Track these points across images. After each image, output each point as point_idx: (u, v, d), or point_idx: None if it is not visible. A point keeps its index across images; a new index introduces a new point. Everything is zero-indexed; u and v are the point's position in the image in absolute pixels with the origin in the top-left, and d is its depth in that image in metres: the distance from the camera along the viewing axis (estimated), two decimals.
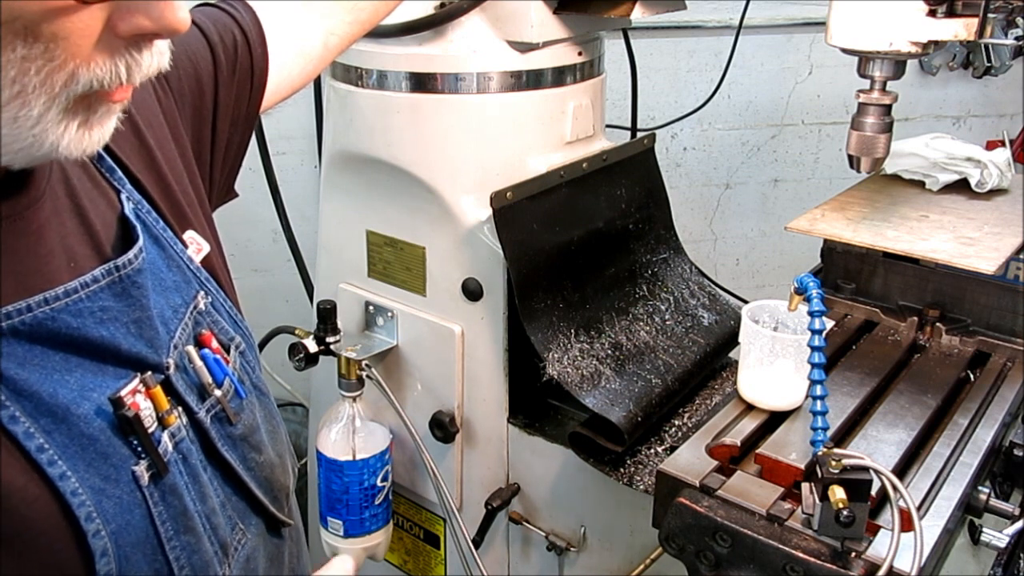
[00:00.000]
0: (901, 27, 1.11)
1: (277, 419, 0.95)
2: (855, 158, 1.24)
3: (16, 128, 0.58)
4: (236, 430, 0.84)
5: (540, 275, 1.36)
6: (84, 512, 0.67)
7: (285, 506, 0.95)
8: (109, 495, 0.69)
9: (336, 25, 1.13)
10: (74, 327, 0.69)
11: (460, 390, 1.52)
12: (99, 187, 0.78)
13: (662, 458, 1.28)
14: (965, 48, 2.72)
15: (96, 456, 0.69)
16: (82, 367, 0.70)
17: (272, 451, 0.91)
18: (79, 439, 0.68)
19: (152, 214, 0.82)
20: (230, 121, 1.00)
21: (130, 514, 0.71)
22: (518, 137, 1.44)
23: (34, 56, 0.55)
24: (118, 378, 0.72)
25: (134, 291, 0.74)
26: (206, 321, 0.85)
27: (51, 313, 0.67)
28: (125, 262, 0.74)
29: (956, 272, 1.37)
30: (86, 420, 0.69)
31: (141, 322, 0.75)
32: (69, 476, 0.66)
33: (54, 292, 0.68)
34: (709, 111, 2.40)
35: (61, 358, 0.68)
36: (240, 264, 2.52)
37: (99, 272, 0.72)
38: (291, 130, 2.43)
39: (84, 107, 0.61)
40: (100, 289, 0.71)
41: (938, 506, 1.03)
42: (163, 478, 0.74)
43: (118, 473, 0.70)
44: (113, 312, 0.72)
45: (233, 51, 0.99)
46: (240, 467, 0.84)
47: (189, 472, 0.78)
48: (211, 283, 0.87)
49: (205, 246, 0.88)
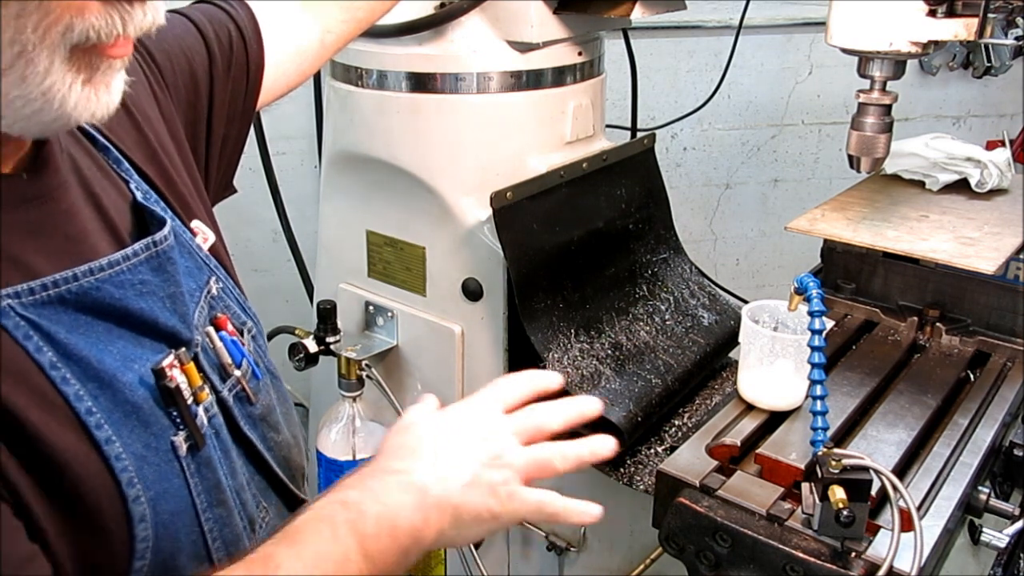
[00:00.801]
0: (901, 27, 1.11)
1: (289, 402, 0.97)
2: (855, 158, 1.24)
3: (26, 88, 0.59)
4: (256, 410, 0.86)
5: (540, 275, 1.36)
6: (126, 477, 0.68)
7: (302, 486, 0.97)
8: (150, 462, 0.71)
9: (333, 22, 1.13)
10: (116, 298, 0.71)
11: (460, 390, 1.52)
12: (109, 177, 0.79)
13: (662, 458, 1.27)
14: (965, 48, 2.72)
15: (138, 424, 0.71)
16: (123, 338, 0.72)
17: (287, 432, 0.93)
18: (123, 406, 0.70)
19: (160, 203, 0.83)
20: (226, 117, 1.01)
21: (168, 483, 0.72)
22: (518, 137, 1.44)
23: (28, 12, 0.56)
24: (156, 352, 0.74)
25: (169, 267, 0.76)
26: (220, 306, 0.87)
27: (96, 283, 0.69)
28: (161, 238, 0.76)
29: (956, 272, 1.37)
30: (131, 388, 0.70)
31: (175, 298, 0.77)
32: (114, 440, 0.68)
33: (99, 263, 0.70)
34: (709, 111, 2.40)
35: (104, 328, 0.70)
36: (240, 264, 2.47)
37: (139, 246, 0.74)
38: (291, 130, 2.43)
39: (85, 63, 0.61)
40: (140, 263, 0.73)
41: (938, 506, 1.02)
42: (200, 451, 0.75)
43: (158, 442, 0.72)
44: (151, 286, 0.74)
45: (228, 47, 0.99)
46: (261, 446, 0.87)
47: (221, 447, 0.80)
48: (220, 270, 0.89)
49: (211, 235, 0.90)
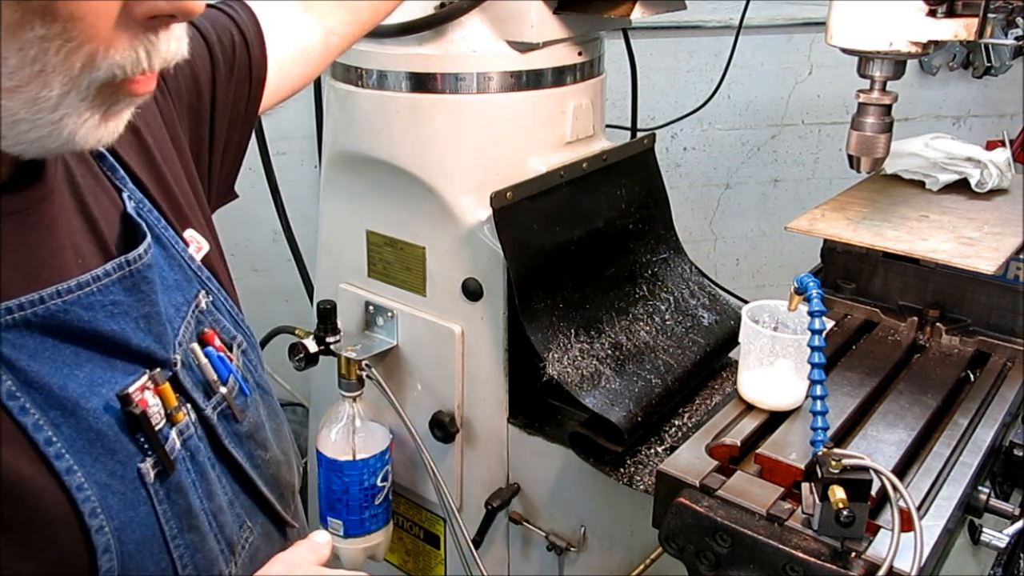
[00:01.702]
0: (901, 27, 1.11)
1: (281, 417, 0.95)
2: (855, 158, 1.24)
3: (36, 112, 0.58)
4: (242, 427, 0.85)
5: (540, 275, 1.36)
6: (88, 507, 0.67)
7: (291, 505, 0.95)
8: (114, 491, 0.69)
9: (336, 25, 1.13)
10: (85, 320, 0.69)
11: (460, 390, 1.52)
12: (102, 185, 0.78)
13: (662, 458, 1.27)
14: (965, 48, 2.72)
15: (103, 451, 0.69)
16: (92, 361, 0.70)
17: (277, 449, 0.91)
18: (87, 434, 0.68)
19: (154, 213, 0.82)
20: (228, 121, 1.00)
21: (134, 511, 0.71)
22: (518, 137, 1.44)
23: (52, 36, 0.55)
24: (127, 374, 0.73)
25: (144, 286, 0.75)
26: (208, 320, 0.85)
27: (63, 305, 0.67)
28: (135, 257, 0.74)
29: (956, 272, 1.37)
30: (95, 415, 0.69)
31: (150, 317, 0.75)
32: (75, 470, 0.66)
33: (67, 285, 0.68)
34: (709, 111, 2.40)
35: (72, 351, 0.69)
36: (240, 264, 2.52)
37: (110, 266, 0.72)
38: (291, 130, 2.43)
39: (107, 96, 0.61)
40: (111, 283, 0.72)
41: (938, 506, 1.02)
42: (169, 476, 0.74)
43: (124, 469, 0.71)
44: (123, 306, 0.73)
45: (231, 51, 0.99)
46: (247, 464, 0.85)
47: (197, 470, 0.78)
48: (212, 282, 0.88)
49: (205, 245, 0.89)
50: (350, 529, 1.52)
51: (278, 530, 0.92)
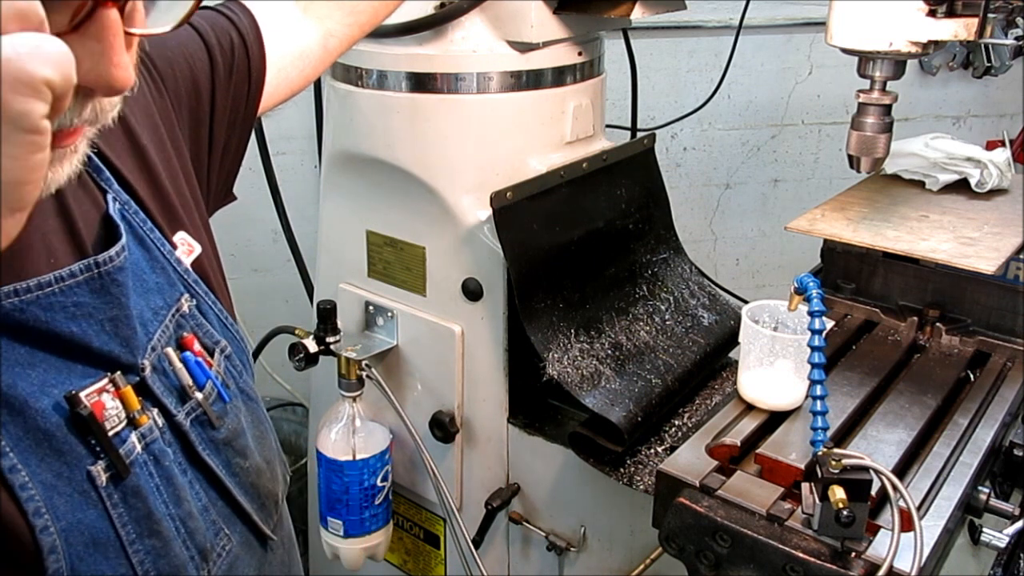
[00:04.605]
0: (901, 27, 1.11)
1: (266, 425, 0.94)
2: (855, 158, 1.24)
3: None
4: (219, 434, 0.84)
5: (540, 275, 1.36)
6: (32, 507, 0.66)
7: (273, 514, 0.94)
8: (61, 492, 0.69)
9: (335, 27, 1.13)
10: (42, 320, 0.68)
11: (460, 390, 1.52)
12: (85, 187, 0.78)
13: (662, 458, 1.27)
14: (965, 48, 2.72)
15: (50, 452, 0.69)
16: (47, 362, 0.70)
17: (259, 457, 0.90)
18: (34, 433, 0.68)
19: (139, 215, 0.81)
20: (228, 124, 1.00)
21: (83, 512, 0.70)
22: (518, 137, 1.44)
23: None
24: (86, 376, 0.72)
25: (113, 289, 0.74)
26: (189, 324, 0.84)
27: (19, 304, 0.67)
28: (106, 259, 0.73)
29: (956, 272, 1.37)
30: (43, 415, 0.68)
31: (118, 320, 0.74)
32: (19, 469, 0.66)
33: (25, 284, 0.67)
34: (709, 111, 2.40)
35: (26, 351, 0.68)
36: (240, 264, 2.52)
37: (77, 267, 0.71)
38: (291, 130, 2.43)
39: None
40: (76, 284, 0.71)
41: (938, 506, 1.02)
42: (124, 479, 0.73)
43: (71, 471, 0.70)
44: (87, 308, 0.72)
45: (230, 54, 0.99)
46: (223, 472, 0.84)
47: (161, 474, 0.77)
48: (199, 285, 0.87)
49: (196, 247, 0.88)
50: (350, 529, 1.52)
51: (258, 540, 0.91)
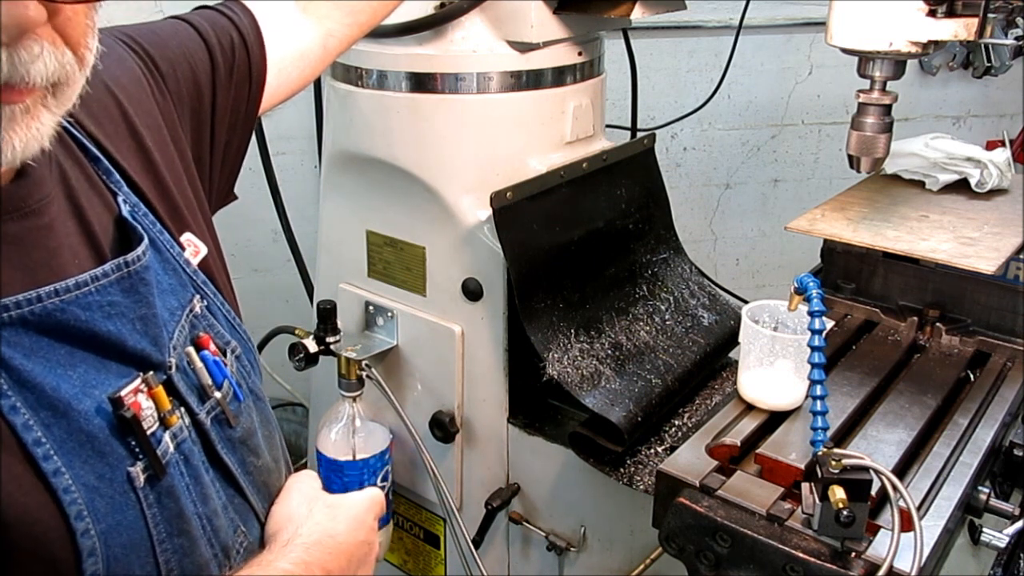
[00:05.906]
0: (901, 27, 1.11)
1: (273, 424, 0.94)
2: (855, 158, 1.24)
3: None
4: (235, 433, 0.84)
5: (540, 275, 1.36)
6: (75, 510, 0.66)
7: None
8: (102, 494, 0.69)
9: (335, 27, 1.13)
10: (82, 320, 0.69)
11: (460, 390, 1.52)
12: (96, 189, 0.78)
13: (662, 458, 1.27)
14: (965, 48, 2.72)
15: (93, 454, 0.69)
16: (86, 362, 0.70)
17: (268, 456, 0.90)
18: (77, 435, 0.68)
19: (149, 217, 0.82)
20: (229, 123, 1.00)
21: (122, 515, 0.71)
22: (518, 137, 1.44)
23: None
24: (121, 376, 0.72)
25: (142, 288, 0.75)
26: (202, 324, 0.85)
27: (61, 304, 0.68)
28: (134, 258, 0.74)
29: (956, 272, 1.37)
30: (86, 417, 0.68)
31: (147, 319, 0.75)
32: (63, 472, 0.66)
33: (65, 284, 0.68)
34: (709, 111, 2.40)
35: (66, 352, 0.69)
36: (240, 264, 2.51)
37: (109, 267, 0.72)
38: (291, 130, 2.43)
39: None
40: (110, 283, 0.72)
41: (938, 506, 1.02)
42: (160, 480, 0.73)
43: (113, 473, 0.70)
44: (120, 307, 0.73)
45: (231, 54, 0.99)
46: (238, 470, 0.84)
47: (191, 473, 0.78)
48: (208, 286, 0.87)
49: (203, 248, 0.88)
50: None
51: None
